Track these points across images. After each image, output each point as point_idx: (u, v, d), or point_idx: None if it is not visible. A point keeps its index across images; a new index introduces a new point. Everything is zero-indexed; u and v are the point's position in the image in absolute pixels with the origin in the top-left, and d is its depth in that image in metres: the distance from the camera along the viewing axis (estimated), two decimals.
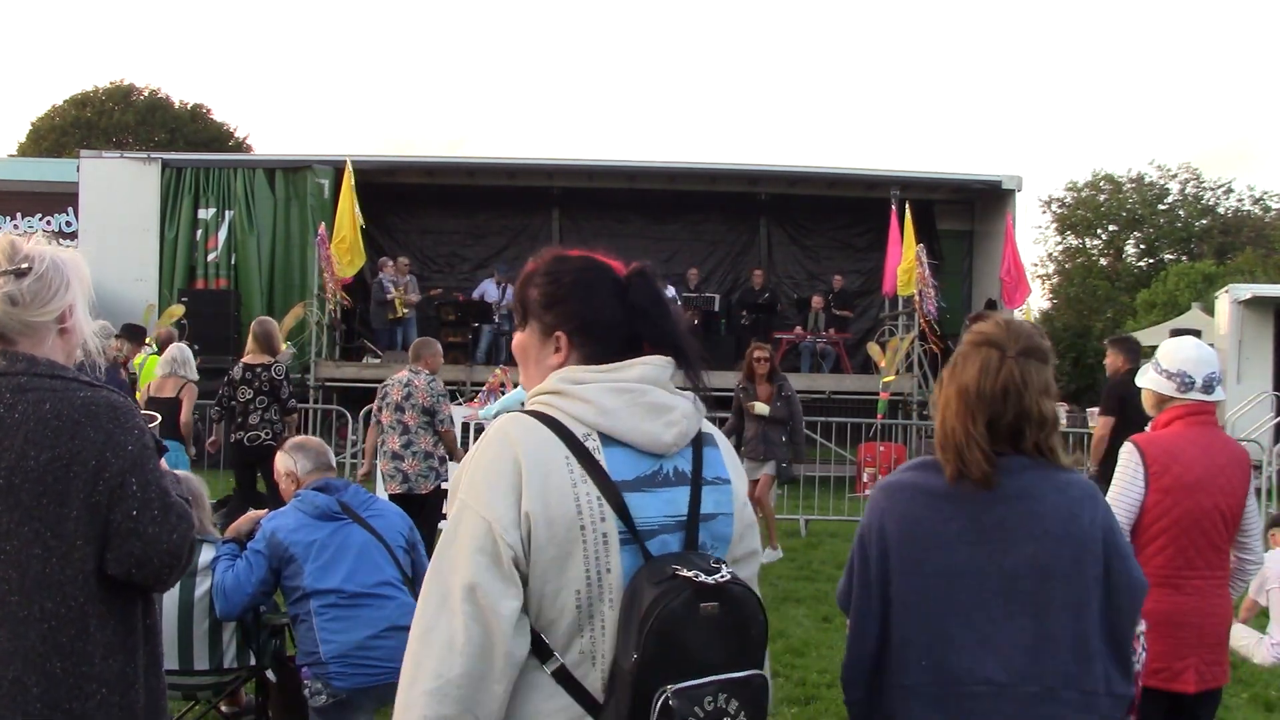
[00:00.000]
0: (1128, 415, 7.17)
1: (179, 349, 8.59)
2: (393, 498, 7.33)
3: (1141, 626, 2.05)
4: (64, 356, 2.12)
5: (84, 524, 1.99)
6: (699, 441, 1.90)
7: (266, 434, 7.96)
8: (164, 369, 8.39)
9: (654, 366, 1.87)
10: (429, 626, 1.75)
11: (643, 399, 1.83)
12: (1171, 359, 3.40)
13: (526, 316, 1.97)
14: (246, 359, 8.16)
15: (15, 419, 1.98)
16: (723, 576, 1.74)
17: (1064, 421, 13.86)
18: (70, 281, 2.11)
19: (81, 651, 1.99)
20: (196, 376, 8.55)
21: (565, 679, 1.76)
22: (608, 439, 1.81)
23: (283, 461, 4.25)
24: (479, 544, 1.73)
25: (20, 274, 2.05)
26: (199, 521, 4.14)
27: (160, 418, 9.15)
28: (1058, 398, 2.13)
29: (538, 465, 1.75)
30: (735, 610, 1.75)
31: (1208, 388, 3.32)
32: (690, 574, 1.72)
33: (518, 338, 2.00)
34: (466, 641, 1.71)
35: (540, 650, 1.77)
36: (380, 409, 7.72)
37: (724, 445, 1.98)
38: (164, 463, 2.16)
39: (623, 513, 1.77)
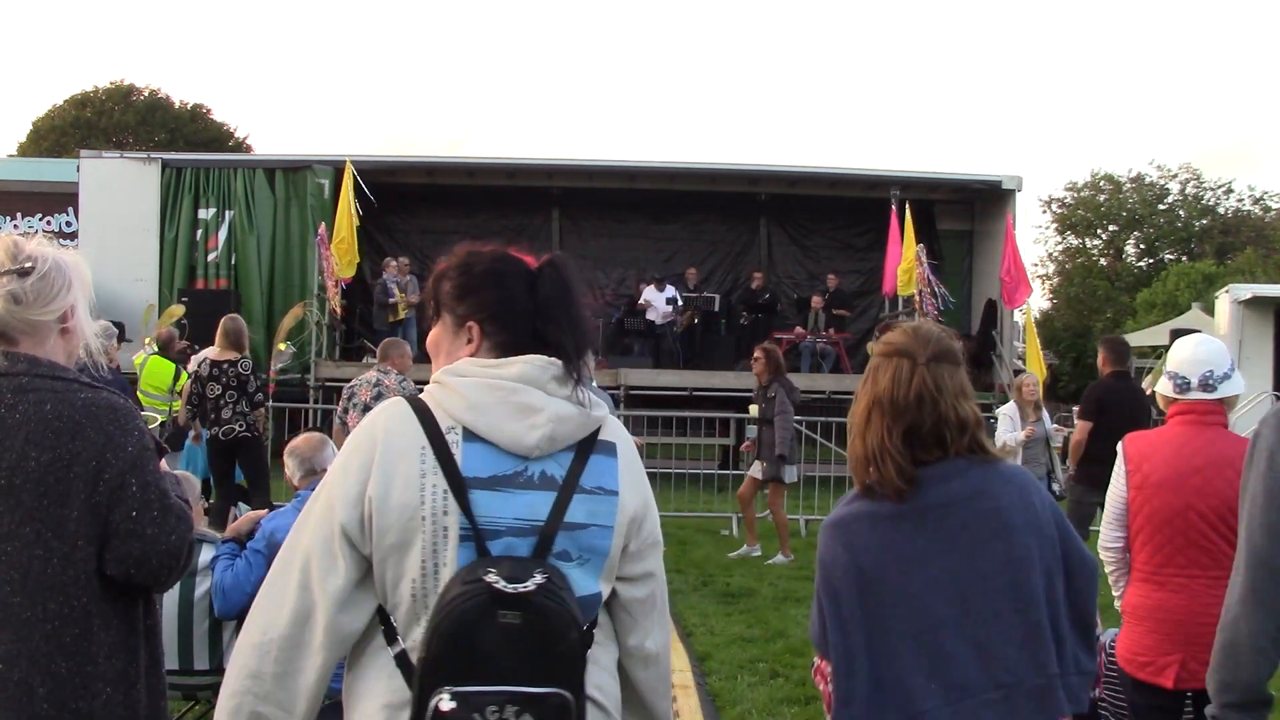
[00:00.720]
0: (1106, 419, 7.18)
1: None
2: None
3: (1096, 599, 2.09)
4: (65, 357, 2.13)
5: (85, 525, 1.99)
6: (587, 448, 1.85)
7: (240, 426, 8.14)
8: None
9: (534, 366, 1.84)
10: (269, 584, 1.84)
11: (512, 397, 1.80)
12: (1172, 360, 3.42)
13: (439, 309, 1.97)
14: (213, 355, 8.28)
15: (16, 420, 1.99)
16: (527, 587, 1.68)
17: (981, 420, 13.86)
18: (72, 282, 2.12)
19: (86, 651, 1.99)
20: None
21: (404, 663, 1.78)
22: (471, 434, 1.80)
23: (286, 468, 4.30)
24: (319, 519, 1.81)
25: (23, 273, 2.06)
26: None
27: (160, 419, 9.17)
28: (974, 399, 2.12)
29: (390, 451, 1.78)
30: (539, 623, 1.69)
31: (1205, 386, 3.31)
32: (491, 579, 1.68)
33: (431, 333, 2.00)
34: (292, 609, 1.80)
35: (389, 633, 1.81)
36: (347, 410, 7.70)
37: (625, 456, 1.91)
38: (164, 464, 2.16)
39: (466, 509, 1.75)
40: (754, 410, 9.00)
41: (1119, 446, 3.44)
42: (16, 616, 1.96)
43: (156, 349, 10.48)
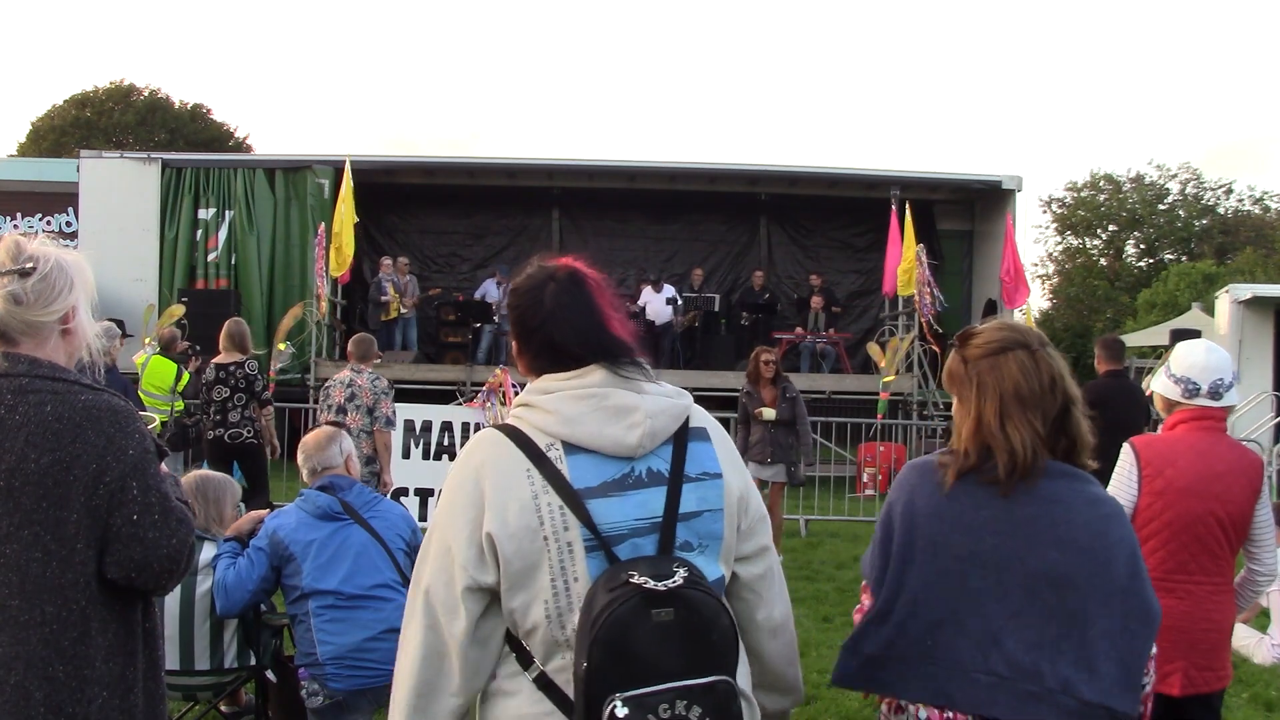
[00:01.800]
0: (1103, 415, 7.18)
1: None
2: None
3: (1151, 650, 2.04)
4: (66, 358, 2.12)
5: (84, 528, 1.98)
6: (682, 437, 1.88)
7: (248, 431, 8.15)
8: None
9: (608, 371, 1.86)
10: (404, 637, 1.89)
11: (604, 403, 1.82)
12: (1180, 364, 3.38)
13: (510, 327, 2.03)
14: (219, 359, 8.30)
15: (16, 421, 1.98)
16: (675, 582, 1.70)
17: None
18: (74, 282, 2.11)
19: (83, 655, 1.98)
20: None
21: (546, 685, 1.79)
22: (572, 447, 1.82)
23: (300, 459, 4.27)
24: (437, 564, 1.83)
25: (24, 274, 2.06)
26: (211, 520, 4.15)
27: (160, 419, 9.17)
28: None
29: (498, 482, 1.80)
30: (692, 615, 1.71)
31: (1214, 394, 3.30)
32: (640, 580, 1.70)
33: None
34: (423, 654, 1.82)
35: (523, 658, 1.82)
36: (323, 410, 7.73)
37: (719, 438, 1.94)
38: (164, 466, 2.15)
39: (586, 520, 1.76)
40: (769, 413, 8.84)
41: (1128, 449, 3.37)
42: (14, 619, 1.95)
43: (158, 349, 10.47)
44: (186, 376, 9.96)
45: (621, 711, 1.66)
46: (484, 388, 9.42)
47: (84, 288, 2.14)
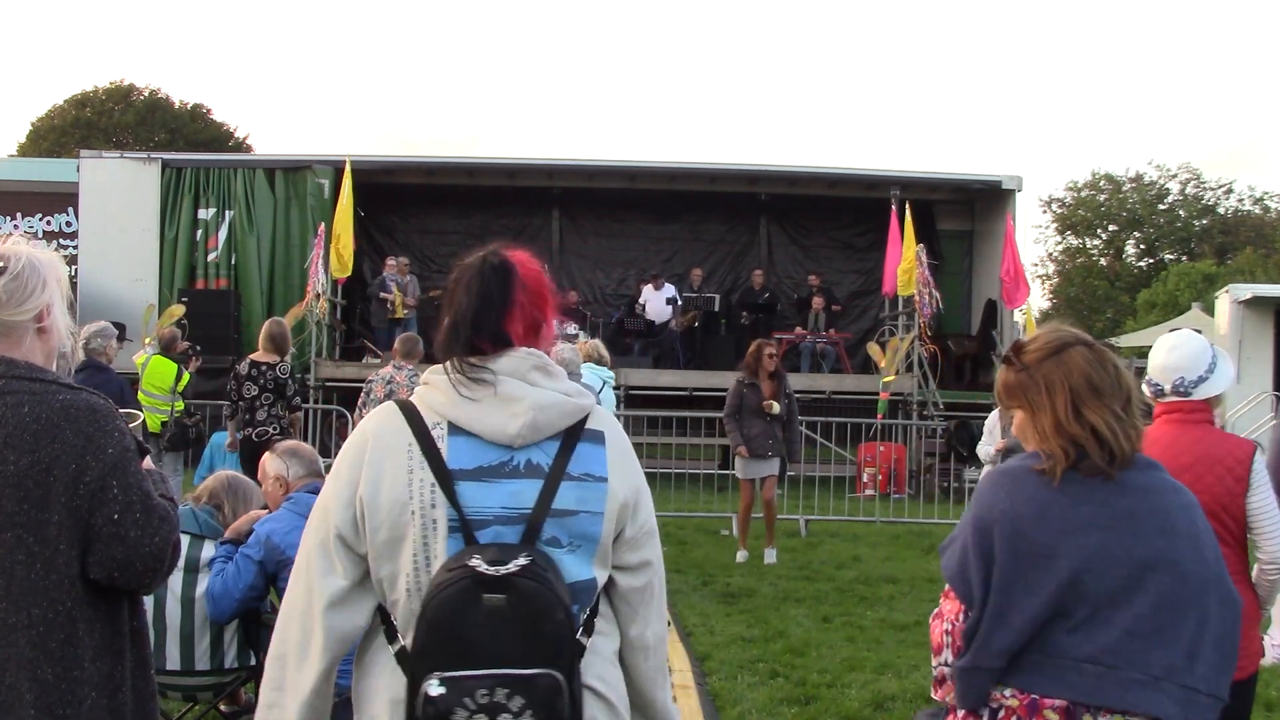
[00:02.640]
0: None
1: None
2: None
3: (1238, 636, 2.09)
4: (44, 357, 2.10)
5: (66, 528, 1.97)
6: (573, 436, 1.88)
7: (275, 429, 8.13)
8: None
9: (514, 358, 1.87)
10: (286, 595, 1.91)
11: (492, 390, 1.83)
12: (1149, 364, 3.43)
13: None
14: (255, 356, 8.30)
15: None
16: (510, 568, 1.70)
17: None
18: (47, 280, 2.09)
19: (72, 656, 1.97)
20: None
21: (404, 659, 1.80)
22: (455, 428, 1.84)
23: (273, 465, 4.24)
24: (315, 525, 1.87)
25: None
26: (227, 515, 4.16)
27: (142, 417, 9.16)
28: None
29: (379, 451, 1.83)
30: (524, 604, 1.71)
31: (1179, 391, 3.30)
32: (474, 563, 1.71)
33: None
34: (296, 612, 1.88)
35: (390, 631, 1.84)
36: (365, 406, 7.80)
37: (615, 444, 1.93)
38: (147, 463, 2.14)
39: (453, 500, 1.78)
40: (777, 407, 8.81)
41: None
42: (2, 623, 1.95)
43: (158, 349, 10.47)
44: (187, 376, 9.95)
45: (436, 690, 1.67)
46: None
47: (58, 285, 2.12)
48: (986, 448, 7.97)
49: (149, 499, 2.05)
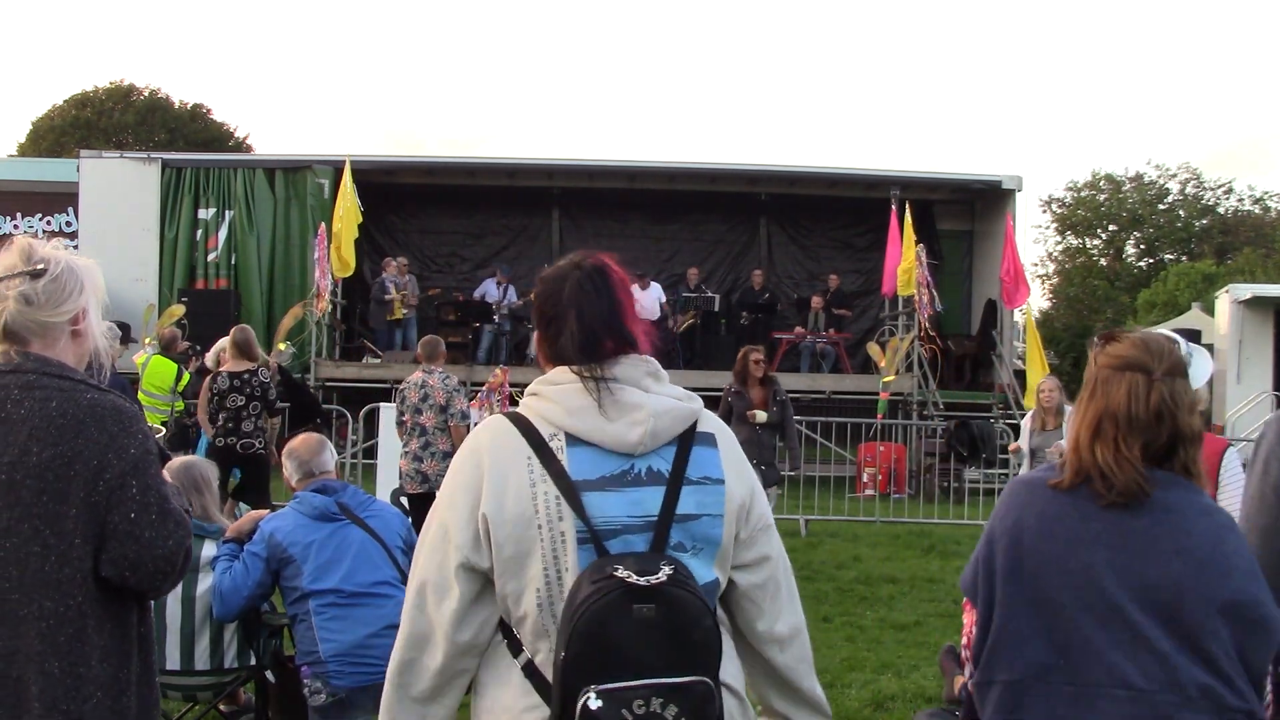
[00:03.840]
0: None
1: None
2: (413, 498, 7.49)
3: (1271, 668, 2.03)
4: (75, 359, 2.14)
5: (82, 524, 1.99)
6: (687, 439, 1.88)
7: (260, 442, 8.18)
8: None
9: (627, 365, 1.87)
10: (402, 619, 1.93)
11: (609, 398, 1.83)
12: None
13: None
14: (229, 367, 8.28)
15: (21, 415, 2.00)
16: (659, 578, 1.71)
17: None
18: (85, 285, 2.15)
19: (79, 653, 1.99)
20: None
21: (532, 674, 1.81)
22: (574, 439, 1.83)
23: (283, 466, 4.31)
24: (433, 545, 1.86)
25: (36, 275, 2.08)
26: (204, 508, 4.17)
27: (165, 429, 9.16)
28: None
29: (498, 466, 1.82)
30: (673, 613, 1.71)
31: None
32: (624, 574, 1.70)
33: None
34: (409, 634, 1.89)
35: (514, 646, 1.84)
36: (403, 413, 7.87)
37: (726, 445, 1.95)
38: (166, 471, 2.17)
39: (580, 512, 1.78)
40: (762, 416, 8.78)
41: None
42: (13, 613, 1.97)
43: (159, 349, 10.47)
44: (187, 376, 9.95)
45: (595, 704, 1.66)
46: (484, 387, 9.41)
47: (94, 291, 2.17)
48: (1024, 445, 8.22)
49: (166, 502, 2.07)
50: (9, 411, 2.01)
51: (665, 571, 1.72)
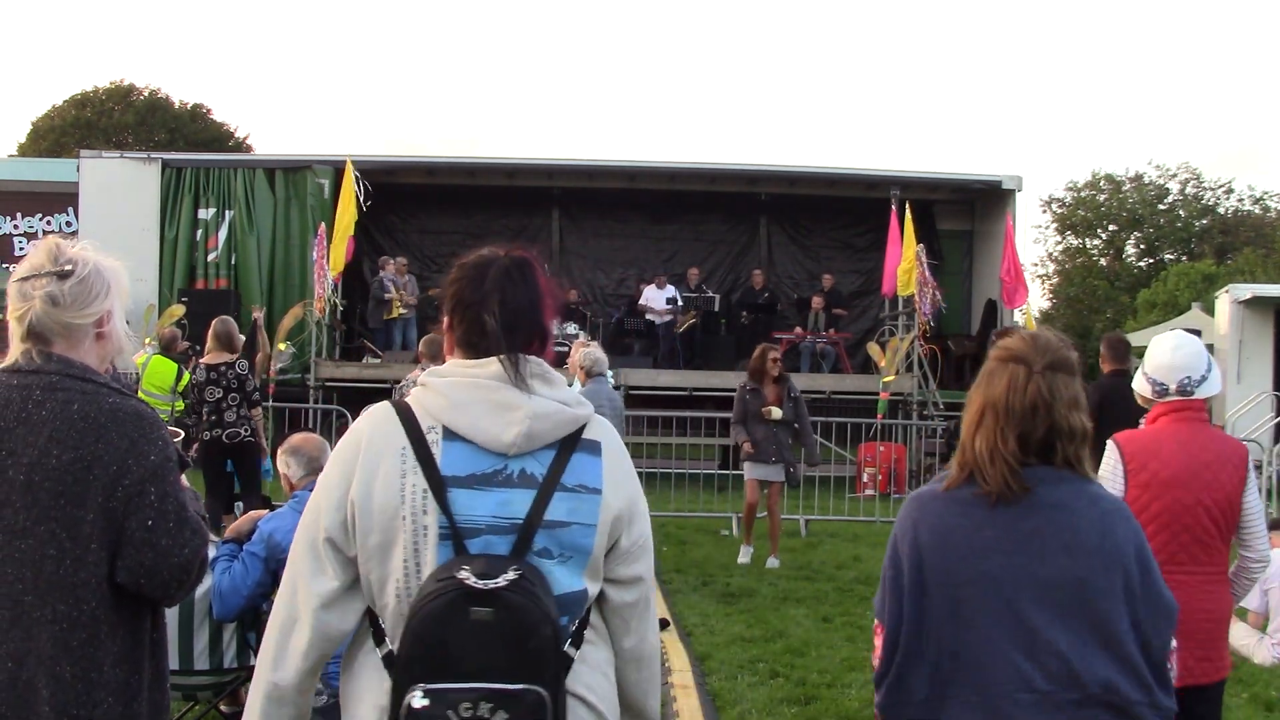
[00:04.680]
0: (1107, 419, 7.19)
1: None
2: None
3: (1173, 644, 2.05)
4: (98, 361, 2.14)
5: (99, 528, 1.99)
6: (569, 445, 1.85)
7: (245, 430, 8.15)
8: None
9: (522, 362, 1.84)
10: (278, 595, 1.92)
11: (490, 395, 1.81)
12: (1149, 363, 3.46)
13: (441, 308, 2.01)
14: (208, 359, 8.28)
15: (42, 416, 2.00)
16: (498, 582, 1.69)
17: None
18: (110, 287, 2.14)
19: (91, 657, 1.98)
20: None
21: (391, 663, 1.79)
22: (451, 433, 1.81)
23: (280, 464, 4.28)
24: (306, 524, 1.86)
25: (63, 275, 2.08)
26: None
27: (184, 434, 9.17)
28: (1087, 410, 2.12)
29: (372, 454, 1.81)
30: (511, 618, 1.69)
31: (1183, 391, 3.35)
32: (463, 575, 1.69)
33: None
34: (279, 618, 1.88)
35: (377, 634, 1.83)
36: None
37: (611, 455, 1.90)
38: (184, 479, 2.16)
39: (445, 507, 1.76)
40: (778, 412, 8.78)
41: (1111, 445, 3.41)
42: (26, 615, 1.96)
43: (159, 349, 10.48)
44: (187, 376, 9.96)
45: (420, 702, 1.67)
46: None
47: (119, 294, 2.17)
48: None
49: (184, 510, 2.07)
50: (30, 412, 2.00)
51: (508, 576, 1.70)
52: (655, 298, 15.93)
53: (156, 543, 2.01)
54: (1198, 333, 14.79)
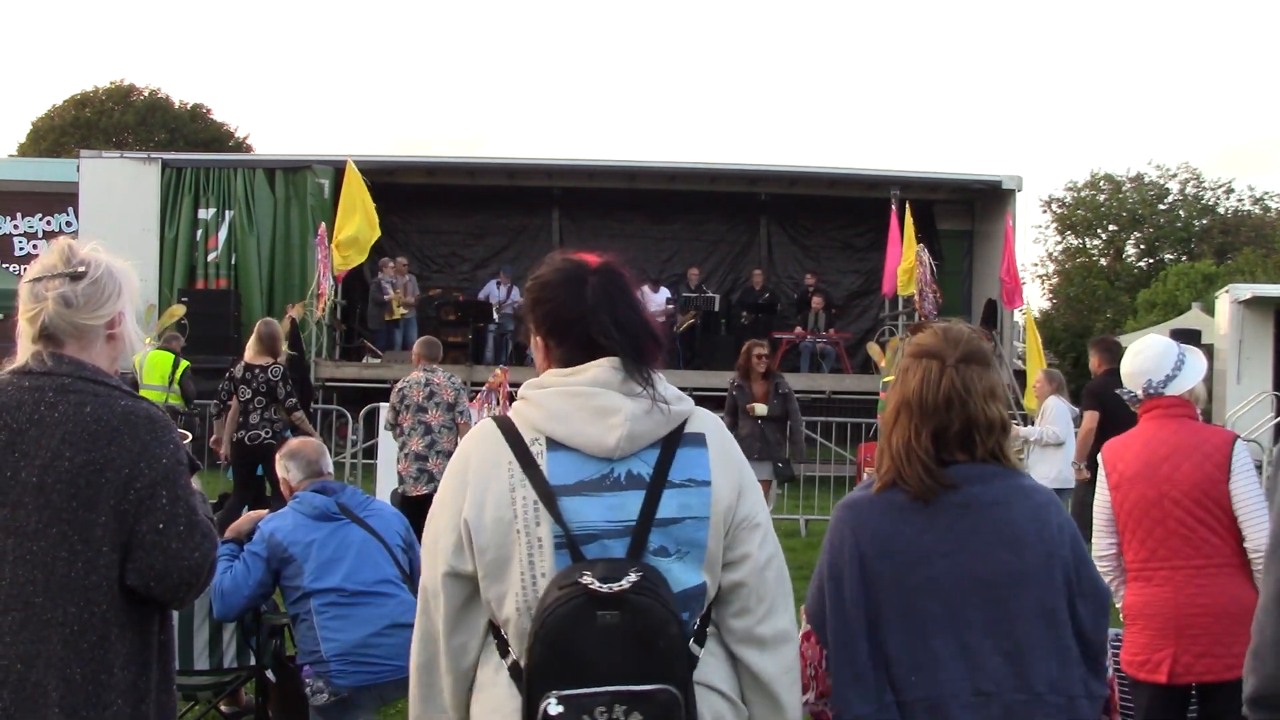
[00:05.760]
0: (1107, 411, 7.24)
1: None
2: (421, 499, 7.42)
3: (1113, 633, 2.07)
4: (109, 363, 2.15)
5: (111, 531, 1.99)
6: (672, 442, 1.86)
7: (267, 433, 8.07)
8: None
9: (606, 368, 1.85)
10: (415, 623, 1.98)
11: (590, 402, 1.83)
12: (1122, 372, 3.58)
13: (527, 320, 2.02)
14: (249, 359, 8.24)
15: (55, 418, 2.00)
16: (622, 585, 1.70)
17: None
18: (123, 289, 2.15)
19: (101, 659, 1.99)
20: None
21: (518, 676, 1.81)
22: (554, 443, 1.83)
23: (279, 468, 4.29)
24: (428, 549, 1.90)
25: (76, 277, 2.09)
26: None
27: (192, 436, 9.17)
28: (1005, 401, 2.12)
29: (480, 471, 1.84)
30: (637, 620, 1.70)
31: (1150, 393, 3.44)
32: (587, 580, 1.70)
33: None
34: (419, 636, 1.94)
35: (502, 647, 1.85)
36: (399, 412, 7.76)
37: (717, 446, 1.90)
38: (195, 481, 2.17)
39: (557, 516, 1.78)
40: (760, 408, 8.79)
41: (1100, 456, 3.53)
42: (37, 617, 1.96)
43: (157, 345, 10.50)
44: (185, 363, 9.99)
45: (555, 709, 1.67)
46: (484, 388, 9.41)
47: (131, 295, 2.18)
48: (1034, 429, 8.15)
49: (194, 513, 2.08)
50: (43, 414, 2.00)
51: (630, 578, 1.71)
52: (653, 300, 15.93)
53: (167, 546, 2.02)
54: (1198, 333, 14.81)
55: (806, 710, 2.07)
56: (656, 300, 15.88)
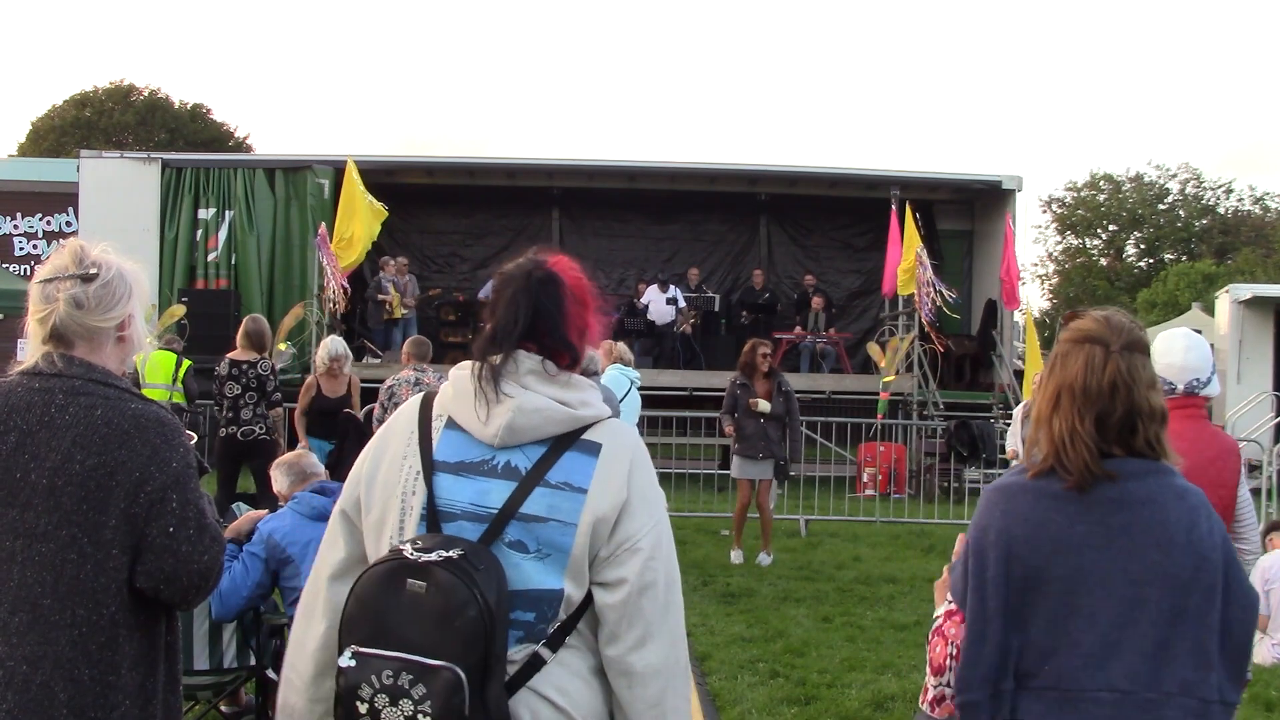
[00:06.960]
0: None
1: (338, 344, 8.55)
2: None
3: (1257, 637, 2.06)
4: (117, 365, 2.15)
5: (120, 534, 2.00)
6: (563, 444, 1.87)
7: (260, 428, 8.12)
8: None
9: (514, 360, 1.91)
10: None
11: (487, 389, 1.88)
12: (1160, 361, 3.47)
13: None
14: (234, 355, 8.28)
15: (65, 421, 2.00)
16: (432, 557, 1.74)
17: None
18: (133, 291, 2.16)
19: (109, 661, 1.99)
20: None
21: None
22: (452, 422, 1.91)
23: (274, 482, 4.34)
24: (339, 502, 2.00)
25: (87, 279, 2.09)
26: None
27: (198, 437, 9.17)
28: (1163, 394, 2.11)
29: (389, 435, 1.97)
30: (439, 595, 1.72)
31: (1190, 392, 3.38)
32: (405, 549, 1.77)
33: None
34: (311, 578, 2.01)
35: None
36: (388, 410, 7.75)
37: (609, 458, 1.86)
38: (203, 484, 2.17)
39: (430, 490, 1.86)
40: (764, 405, 8.79)
41: None
42: (45, 619, 1.96)
43: (159, 345, 10.49)
44: (188, 363, 10.00)
45: (347, 662, 1.75)
46: None
47: (140, 297, 2.18)
48: (1014, 439, 7.96)
49: (204, 517, 2.09)
50: (53, 417, 2.00)
51: (444, 553, 1.75)
52: (658, 299, 15.94)
53: (177, 549, 2.03)
54: (1198, 333, 14.81)
55: (940, 691, 2.07)
56: (659, 300, 15.88)
